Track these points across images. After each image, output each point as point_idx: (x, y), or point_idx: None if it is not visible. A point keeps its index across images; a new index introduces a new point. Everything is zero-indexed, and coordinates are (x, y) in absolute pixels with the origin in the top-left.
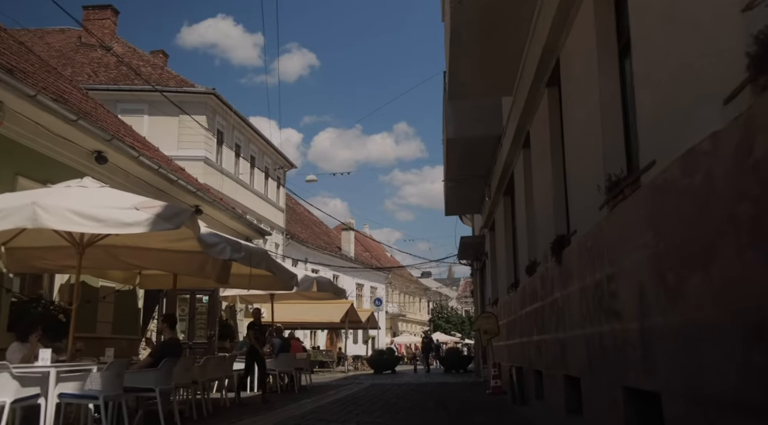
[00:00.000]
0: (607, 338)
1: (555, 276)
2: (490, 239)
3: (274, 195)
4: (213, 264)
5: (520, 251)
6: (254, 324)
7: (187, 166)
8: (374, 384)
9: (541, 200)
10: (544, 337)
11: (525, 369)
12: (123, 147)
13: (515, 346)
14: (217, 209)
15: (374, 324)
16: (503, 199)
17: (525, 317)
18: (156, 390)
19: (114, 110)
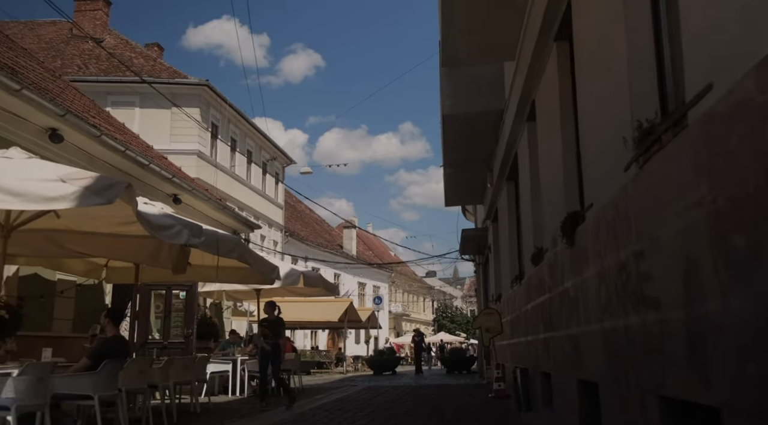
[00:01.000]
0: (636, 332)
1: (566, 262)
2: (492, 231)
3: (272, 191)
4: (168, 251)
5: (525, 240)
6: (265, 320)
7: (180, 160)
8: (369, 387)
9: (549, 177)
10: (553, 334)
11: (531, 370)
12: (80, 124)
13: (520, 345)
14: (199, 198)
15: (375, 323)
16: (506, 185)
17: (530, 313)
18: (95, 398)
19: (104, 103)
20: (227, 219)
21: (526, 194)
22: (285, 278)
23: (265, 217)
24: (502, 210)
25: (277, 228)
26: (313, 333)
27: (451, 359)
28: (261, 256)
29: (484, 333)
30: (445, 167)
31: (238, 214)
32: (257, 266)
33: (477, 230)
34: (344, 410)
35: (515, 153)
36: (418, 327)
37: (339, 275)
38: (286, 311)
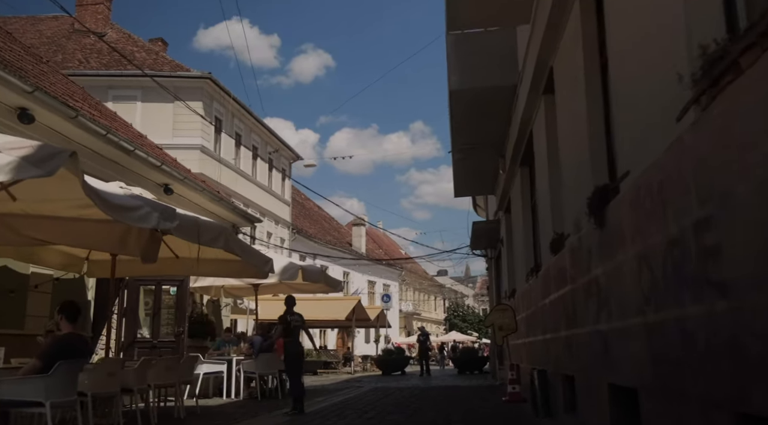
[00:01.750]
0: (697, 327)
1: (593, 246)
2: (505, 223)
3: (279, 188)
4: (137, 237)
5: (541, 228)
6: (280, 317)
7: (183, 154)
8: (375, 388)
9: (570, 152)
10: (577, 331)
11: (550, 372)
12: (52, 103)
13: (537, 344)
14: (192, 188)
15: (384, 322)
16: (520, 171)
17: (549, 308)
18: (46, 404)
19: (105, 98)
20: (225, 212)
21: (542, 177)
22: (282, 273)
23: (271, 213)
24: (516, 199)
25: (284, 225)
26: (322, 332)
27: (463, 359)
28: (252, 247)
29: (497, 331)
30: (454, 153)
31: (237, 206)
32: (247, 258)
33: (488, 222)
34: (344, 415)
35: (530, 133)
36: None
37: (348, 273)
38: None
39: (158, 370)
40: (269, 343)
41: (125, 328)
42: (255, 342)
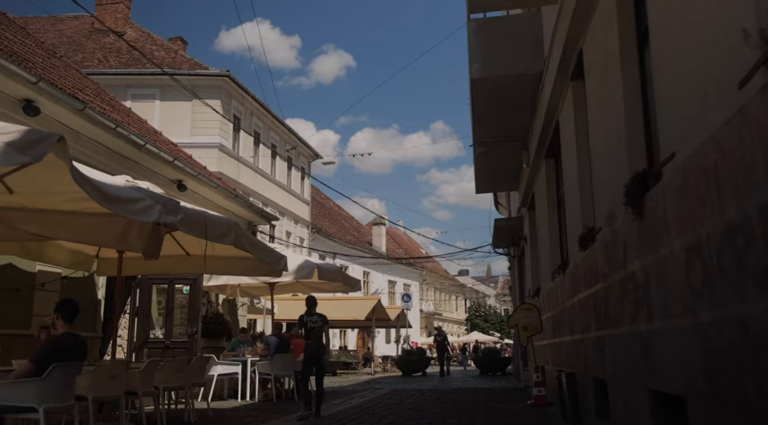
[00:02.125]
0: (765, 327)
1: (630, 238)
2: (529, 220)
3: (298, 187)
4: (139, 232)
5: (569, 223)
6: (300, 316)
7: (201, 153)
8: (395, 390)
9: (602, 139)
10: (609, 332)
11: (580, 375)
12: (58, 94)
13: (564, 345)
14: (206, 185)
15: (404, 322)
16: (545, 164)
17: (578, 307)
18: (39, 410)
19: (124, 96)
20: (241, 209)
21: (570, 169)
22: (298, 271)
23: (290, 213)
24: (540, 193)
25: (304, 224)
26: (342, 332)
27: (485, 360)
28: (265, 244)
29: (521, 331)
30: (476, 147)
31: (253, 204)
32: (259, 255)
33: (510, 219)
34: (359, 420)
35: (556, 123)
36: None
37: (368, 273)
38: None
39: (167, 372)
40: (285, 343)
41: (137, 328)
42: (270, 342)
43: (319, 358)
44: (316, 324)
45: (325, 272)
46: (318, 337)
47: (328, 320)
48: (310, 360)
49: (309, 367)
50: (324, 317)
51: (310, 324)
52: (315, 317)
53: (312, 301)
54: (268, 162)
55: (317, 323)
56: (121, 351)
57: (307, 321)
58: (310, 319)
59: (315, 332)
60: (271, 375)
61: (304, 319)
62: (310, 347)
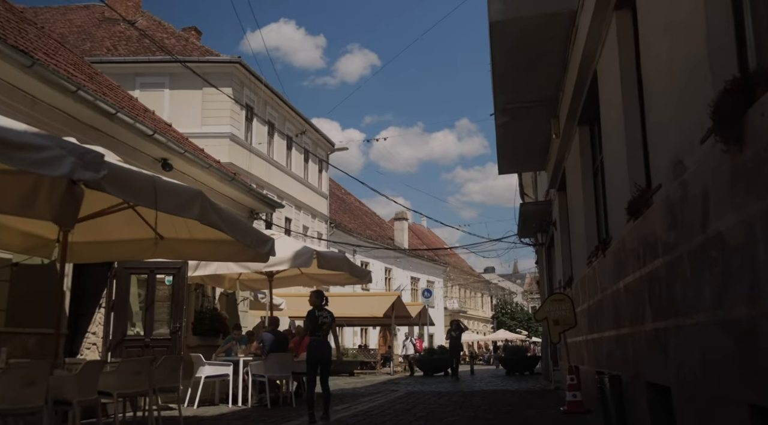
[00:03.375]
0: None
1: (716, 186)
2: (558, 203)
3: (315, 180)
4: (49, 193)
5: (611, 193)
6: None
7: (212, 144)
8: (410, 393)
9: (665, 68)
10: (677, 323)
11: (628, 378)
12: (9, 53)
13: (605, 342)
14: (197, 165)
15: (426, 319)
16: (578, 131)
17: (624, 294)
18: None
19: (132, 85)
20: (240, 195)
21: (613, 124)
22: (295, 258)
23: (307, 206)
24: (573, 166)
25: (322, 219)
26: (363, 330)
27: (511, 358)
28: (245, 222)
29: (552, 325)
30: (497, 117)
31: (254, 189)
32: (237, 235)
33: (538, 204)
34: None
35: (593, 76)
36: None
37: (390, 269)
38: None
39: (122, 375)
40: (282, 340)
41: (113, 324)
42: (265, 340)
43: (324, 356)
44: (327, 320)
45: (326, 260)
46: (325, 334)
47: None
48: (315, 358)
49: (314, 366)
50: (332, 313)
51: (321, 318)
52: (326, 312)
53: (322, 295)
54: (283, 154)
55: (328, 318)
56: (95, 350)
57: (318, 316)
58: (321, 314)
59: (324, 328)
60: (266, 377)
61: (315, 313)
62: (315, 344)
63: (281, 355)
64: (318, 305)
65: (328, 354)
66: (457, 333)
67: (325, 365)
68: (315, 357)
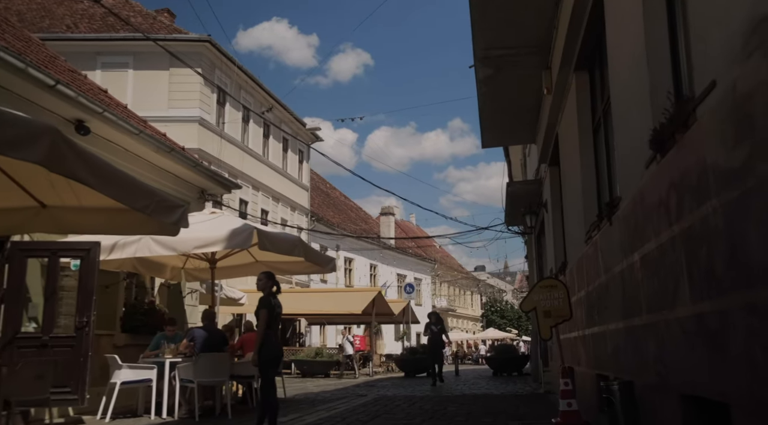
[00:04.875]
0: None
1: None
2: (550, 180)
3: (295, 171)
4: None
5: (622, 135)
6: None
7: (179, 128)
8: (379, 398)
9: None
10: (744, 300)
11: (646, 387)
12: None
13: (609, 337)
14: (125, 131)
15: (410, 317)
16: (575, 80)
17: (639, 272)
18: None
19: (93, 65)
20: (186, 171)
21: (632, 38)
22: (231, 238)
23: (286, 198)
24: (569, 128)
25: (302, 212)
26: (347, 329)
27: (498, 358)
28: (135, 179)
29: (542, 318)
30: (478, 67)
31: (201, 164)
32: (117, 193)
33: (527, 183)
34: None
35: None
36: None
37: (375, 265)
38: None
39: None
40: (218, 338)
41: (3, 319)
42: (196, 337)
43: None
44: (280, 309)
45: (270, 239)
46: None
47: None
48: (275, 357)
49: (277, 366)
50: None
51: (278, 308)
52: (278, 300)
53: (273, 277)
54: (259, 141)
55: (281, 309)
56: None
57: (274, 303)
58: (277, 303)
59: (279, 319)
60: (194, 383)
61: (270, 302)
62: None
63: (215, 356)
64: (271, 291)
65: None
66: (438, 327)
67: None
68: (277, 354)
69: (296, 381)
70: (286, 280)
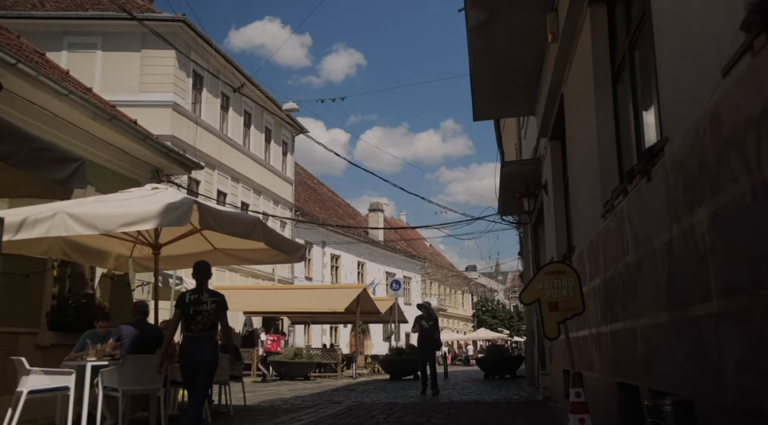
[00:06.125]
0: None
1: None
2: (551, 157)
3: (278, 163)
4: None
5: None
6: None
7: (150, 114)
8: (354, 407)
9: None
10: None
11: (710, 405)
12: None
13: (638, 335)
14: (50, 91)
15: (397, 316)
16: (590, 13)
17: (695, 243)
18: None
19: (59, 45)
20: (133, 145)
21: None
22: (165, 214)
23: (268, 191)
24: (581, 78)
25: (286, 206)
26: (333, 328)
27: (490, 359)
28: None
29: (547, 312)
30: (469, 11)
31: (151, 137)
32: None
33: (524, 163)
34: None
35: None
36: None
37: (363, 263)
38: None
39: None
40: (151, 336)
41: None
42: (124, 335)
43: (205, 361)
44: (204, 308)
45: (217, 219)
46: (206, 328)
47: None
48: (189, 363)
49: (190, 375)
50: (221, 297)
51: (195, 306)
52: (205, 295)
53: (201, 269)
54: (240, 131)
55: (208, 305)
56: None
57: (190, 300)
58: (195, 298)
59: (201, 319)
60: (119, 391)
61: (186, 299)
62: (188, 342)
63: (146, 358)
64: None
65: (207, 356)
66: (430, 322)
67: (205, 372)
68: (188, 362)
69: (272, 385)
70: (268, 276)
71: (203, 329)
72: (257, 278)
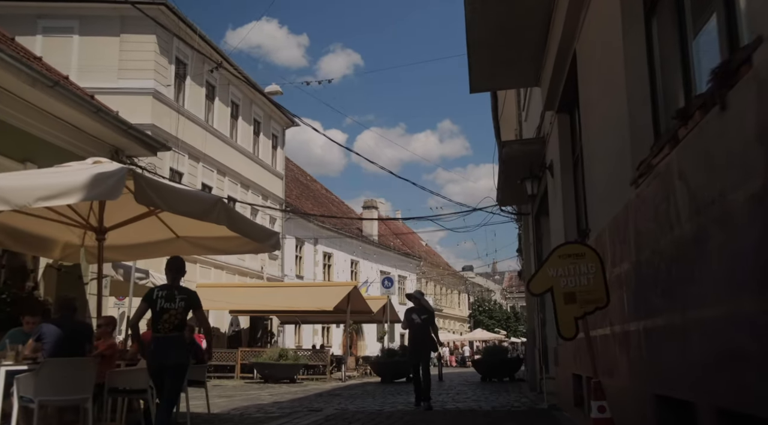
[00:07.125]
0: None
1: None
2: (559, 132)
3: (268, 157)
4: None
5: None
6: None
7: (130, 102)
8: (333, 416)
9: None
10: None
11: None
12: None
13: (693, 334)
14: None
15: (389, 315)
16: None
17: None
18: None
19: (34, 29)
20: (87, 121)
21: None
22: (93, 185)
23: (257, 186)
24: (604, 20)
25: (275, 201)
26: (325, 329)
27: (487, 361)
28: None
29: (561, 305)
30: None
31: (104, 110)
32: None
33: (526, 143)
34: None
35: None
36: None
37: (357, 262)
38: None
39: None
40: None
41: None
42: (44, 335)
43: (171, 364)
44: (172, 306)
45: (160, 193)
46: (173, 328)
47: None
48: (156, 367)
49: (158, 381)
50: (192, 295)
51: (162, 302)
52: (174, 292)
53: (174, 265)
54: (226, 122)
55: (176, 303)
56: None
57: (159, 296)
58: (163, 294)
59: (168, 318)
60: (35, 401)
61: (154, 293)
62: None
63: (69, 362)
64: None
65: (173, 358)
66: (423, 316)
67: (172, 375)
68: (154, 364)
69: (254, 388)
70: (257, 274)
71: (170, 328)
72: (245, 276)
